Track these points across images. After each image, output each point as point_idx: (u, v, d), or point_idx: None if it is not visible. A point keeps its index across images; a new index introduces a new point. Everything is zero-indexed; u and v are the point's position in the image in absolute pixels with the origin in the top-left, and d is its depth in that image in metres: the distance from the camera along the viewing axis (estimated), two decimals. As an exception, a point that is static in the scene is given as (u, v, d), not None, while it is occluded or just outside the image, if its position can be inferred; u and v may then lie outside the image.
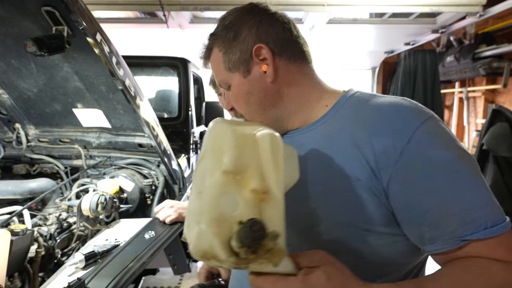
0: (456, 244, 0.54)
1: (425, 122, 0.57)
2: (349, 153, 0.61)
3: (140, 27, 3.18)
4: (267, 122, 0.70)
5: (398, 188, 0.57)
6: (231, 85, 0.73)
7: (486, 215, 0.53)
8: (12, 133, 1.82)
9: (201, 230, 0.43)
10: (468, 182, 0.54)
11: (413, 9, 2.62)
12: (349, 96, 0.69)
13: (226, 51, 0.72)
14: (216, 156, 0.50)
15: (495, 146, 2.12)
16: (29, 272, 1.20)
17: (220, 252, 0.42)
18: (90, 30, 1.14)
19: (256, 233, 0.41)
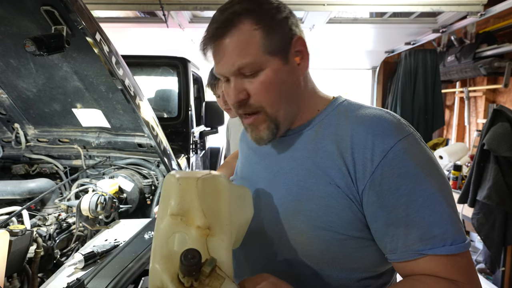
0: (412, 256, 0.58)
1: (403, 139, 0.60)
2: (332, 160, 0.64)
3: (139, 27, 3.17)
4: (285, 117, 0.69)
5: (369, 199, 0.61)
6: (261, 70, 0.64)
7: (446, 234, 0.56)
8: (11, 133, 1.82)
9: (153, 268, 0.50)
10: (433, 201, 0.57)
11: (413, 9, 2.62)
12: (337, 104, 0.72)
13: (268, 31, 0.64)
14: (165, 203, 0.58)
15: (496, 146, 2.11)
16: (28, 272, 1.20)
17: (170, 284, 0.48)
18: (89, 29, 1.13)
19: (190, 261, 0.45)
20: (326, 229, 0.63)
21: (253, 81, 0.65)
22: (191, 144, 2.62)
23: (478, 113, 3.84)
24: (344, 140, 0.64)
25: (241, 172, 0.88)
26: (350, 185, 0.62)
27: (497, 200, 2.09)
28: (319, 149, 0.67)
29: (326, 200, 0.63)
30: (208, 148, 3.47)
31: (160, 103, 2.89)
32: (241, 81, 0.66)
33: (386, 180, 0.59)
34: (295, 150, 0.71)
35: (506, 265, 2.27)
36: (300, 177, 0.68)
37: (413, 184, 0.58)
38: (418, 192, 0.58)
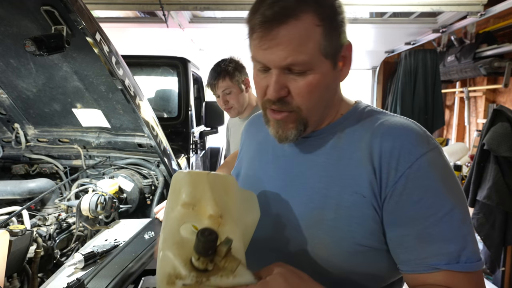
0: (426, 270, 0.57)
1: (429, 152, 0.60)
2: (358, 169, 0.63)
3: (139, 27, 3.18)
4: (316, 121, 0.67)
5: (388, 208, 0.60)
6: (310, 71, 0.60)
7: (462, 251, 0.56)
8: (11, 133, 1.82)
9: (164, 255, 0.48)
10: (452, 217, 0.57)
11: (413, 9, 2.62)
12: (360, 110, 0.71)
13: (328, 31, 0.60)
14: (175, 195, 0.58)
15: (496, 146, 2.11)
16: (28, 272, 1.20)
17: (182, 269, 0.46)
18: (89, 29, 1.13)
19: (207, 237, 0.44)
20: (348, 240, 0.62)
21: (298, 80, 0.61)
22: (191, 144, 2.62)
23: (478, 113, 3.84)
24: (372, 148, 0.62)
25: (248, 170, 0.83)
26: (376, 194, 0.61)
27: (497, 200, 2.09)
28: (343, 157, 0.65)
29: (350, 210, 0.62)
30: (208, 148, 3.47)
31: (160, 103, 2.89)
32: (285, 76, 0.61)
33: (408, 191, 0.59)
34: (316, 155, 0.69)
35: (506, 265, 2.27)
36: (322, 184, 0.65)
37: (434, 197, 0.58)
38: (438, 206, 0.57)
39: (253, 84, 0.70)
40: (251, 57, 0.65)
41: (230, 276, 0.47)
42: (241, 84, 1.87)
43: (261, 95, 0.66)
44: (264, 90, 0.64)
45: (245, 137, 0.92)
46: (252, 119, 0.93)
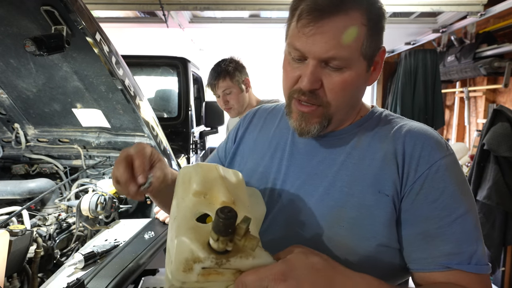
0: (437, 269, 0.58)
1: (447, 156, 0.62)
2: (381, 169, 0.64)
3: (139, 27, 3.18)
4: (339, 120, 0.67)
5: (405, 207, 0.62)
6: (347, 68, 0.60)
7: (472, 253, 0.58)
8: (11, 133, 1.82)
9: (179, 241, 0.46)
10: (465, 220, 0.59)
11: (413, 9, 2.62)
12: (377, 113, 0.72)
13: (371, 33, 0.60)
14: (186, 186, 0.57)
15: (496, 146, 2.11)
16: (28, 272, 1.20)
17: (200, 252, 0.44)
18: (89, 29, 1.13)
19: (228, 214, 0.41)
20: (370, 239, 0.62)
21: (333, 76, 0.61)
22: (191, 144, 2.62)
23: (478, 113, 3.84)
24: (395, 149, 0.64)
25: (256, 166, 0.78)
26: (398, 193, 0.62)
27: (497, 200, 2.09)
28: (365, 157, 0.66)
29: (372, 209, 0.62)
30: (208, 148, 3.48)
31: (160, 103, 2.89)
32: (320, 69, 0.60)
33: (424, 191, 0.60)
34: (336, 154, 0.68)
35: (506, 265, 2.27)
36: (343, 183, 0.65)
37: (449, 200, 0.59)
38: (452, 209, 0.59)
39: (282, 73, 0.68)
40: (289, 43, 0.63)
41: (249, 257, 0.45)
42: (241, 84, 1.87)
43: (290, 84, 0.65)
44: (295, 79, 0.63)
45: (246, 127, 0.86)
46: (259, 111, 0.89)
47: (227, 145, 0.89)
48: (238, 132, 0.88)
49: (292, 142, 0.74)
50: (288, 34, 0.64)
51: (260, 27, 3.10)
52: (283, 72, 0.67)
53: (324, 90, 0.62)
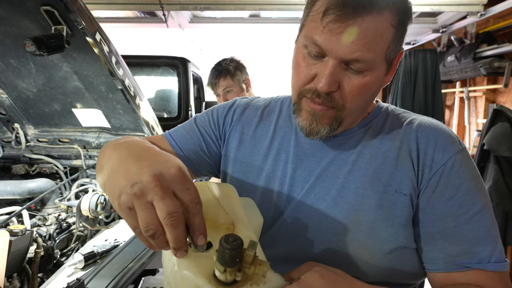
0: (457, 269, 0.57)
1: (460, 151, 0.60)
2: (397, 166, 0.61)
3: (139, 27, 3.18)
4: (350, 122, 0.63)
5: (422, 204, 0.60)
6: (368, 71, 0.55)
7: (492, 251, 0.56)
8: (11, 133, 1.82)
9: (182, 276, 0.42)
10: (481, 216, 0.57)
11: (413, 9, 2.61)
12: (384, 108, 0.70)
13: (398, 35, 0.56)
14: None
15: (496, 146, 2.11)
16: (28, 272, 1.20)
17: (207, 287, 0.41)
18: (89, 29, 1.13)
19: (233, 244, 0.38)
20: (389, 242, 0.59)
21: (353, 79, 0.56)
22: (191, 144, 2.61)
23: (478, 113, 3.84)
24: (409, 146, 0.62)
25: (258, 170, 0.71)
26: (416, 190, 0.60)
27: (497, 200, 2.09)
28: (377, 155, 0.63)
29: (391, 210, 0.59)
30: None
31: (160, 103, 2.89)
32: (340, 71, 0.55)
33: (441, 188, 0.58)
34: (346, 154, 0.64)
35: (506, 265, 2.27)
36: (358, 184, 0.61)
37: (465, 196, 0.57)
38: (469, 205, 0.57)
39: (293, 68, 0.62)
40: (307, 35, 0.56)
41: (260, 284, 0.42)
42: (242, 83, 1.88)
43: (303, 82, 0.59)
44: (310, 77, 0.58)
45: (236, 119, 0.77)
46: (251, 105, 0.79)
47: (211, 127, 0.78)
48: (227, 118, 0.77)
49: (296, 143, 0.69)
50: (305, 24, 0.58)
51: (260, 27, 3.09)
52: (294, 66, 0.61)
53: (340, 93, 0.57)
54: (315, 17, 0.55)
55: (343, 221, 0.61)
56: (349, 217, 0.60)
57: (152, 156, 0.44)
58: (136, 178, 0.40)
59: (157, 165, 0.41)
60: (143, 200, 0.40)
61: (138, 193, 0.40)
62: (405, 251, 0.60)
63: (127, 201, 0.40)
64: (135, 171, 0.41)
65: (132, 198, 0.40)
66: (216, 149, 0.76)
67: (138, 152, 0.45)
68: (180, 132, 0.77)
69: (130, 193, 0.40)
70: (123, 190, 0.41)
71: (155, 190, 0.40)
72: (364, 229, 0.59)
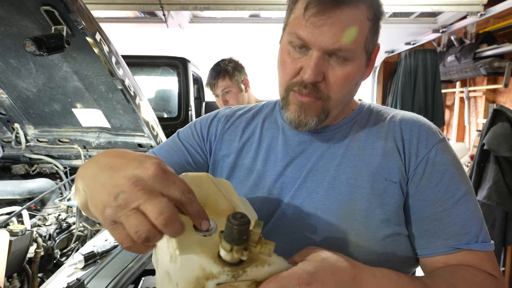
0: (447, 251, 0.59)
1: (441, 140, 0.65)
2: (384, 156, 0.64)
3: (139, 27, 3.17)
4: (336, 115, 0.66)
5: (411, 192, 0.63)
6: (350, 61, 0.59)
7: (478, 231, 0.59)
8: (11, 133, 1.82)
9: (185, 259, 0.40)
10: (466, 200, 0.61)
11: (413, 9, 2.61)
12: (366, 106, 0.74)
13: (373, 28, 0.61)
14: None
15: (496, 146, 2.11)
16: (28, 272, 1.20)
17: (213, 267, 0.39)
18: (89, 29, 1.13)
19: (241, 220, 0.37)
20: (383, 229, 0.61)
21: (336, 69, 0.60)
22: (191, 144, 2.61)
23: (478, 113, 3.84)
24: (394, 137, 0.66)
25: (248, 171, 0.73)
26: (405, 178, 0.63)
27: (497, 200, 2.09)
28: (365, 147, 0.66)
29: (382, 197, 0.62)
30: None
31: (160, 103, 2.89)
32: (324, 62, 0.59)
33: (427, 175, 0.62)
34: (335, 148, 0.67)
35: (506, 265, 2.27)
36: (349, 175, 0.64)
37: (450, 181, 0.61)
38: (454, 190, 0.61)
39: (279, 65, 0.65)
40: (291, 31, 0.60)
41: (265, 265, 0.41)
42: (240, 83, 1.88)
43: (290, 76, 0.62)
44: (296, 71, 0.61)
45: (221, 129, 0.78)
46: (235, 114, 0.80)
47: (195, 139, 0.79)
48: (211, 130, 0.79)
49: (285, 142, 0.71)
50: (289, 23, 0.62)
51: (260, 27, 3.09)
52: (280, 63, 0.65)
53: (326, 84, 0.61)
54: (297, 14, 0.59)
55: (337, 211, 0.63)
56: (343, 207, 0.63)
57: (124, 164, 0.41)
58: (116, 189, 0.38)
59: (133, 170, 0.40)
60: (128, 208, 0.38)
61: (123, 203, 0.38)
62: (398, 237, 0.62)
63: (112, 214, 0.38)
64: (112, 183, 0.39)
65: (116, 210, 0.38)
66: (202, 160, 0.77)
67: (108, 164, 0.43)
68: (164, 149, 0.79)
69: (114, 205, 0.38)
70: (106, 204, 0.39)
71: (138, 194, 0.38)
72: (358, 218, 0.62)
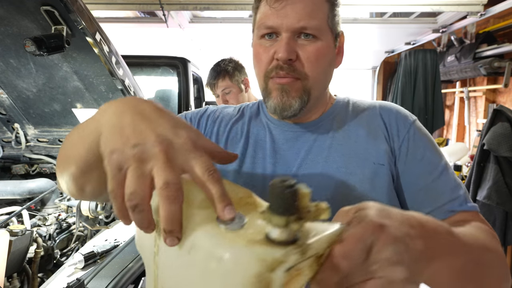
0: (445, 216, 0.63)
1: (415, 120, 0.71)
2: (369, 142, 0.68)
3: (139, 27, 3.17)
4: (316, 96, 0.68)
5: (401, 169, 0.67)
6: (318, 38, 0.63)
7: (465, 195, 0.65)
8: (11, 133, 1.82)
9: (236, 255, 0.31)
10: (447, 170, 0.66)
11: (413, 9, 2.61)
12: (342, 98, 0.78)
13: (332, 9, 0.66)
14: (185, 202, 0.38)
15: (496, 146, 2.11)
16: (28, 272, 1.20)
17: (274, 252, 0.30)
18: (89, 29, 1.14)
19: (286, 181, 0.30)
20: None
21: (307, 46, 0.63)
22: (191, 144, 2.61)
23: (478, 113, 3.84)
24: (377, 123, 0.70)
25: (237, 168, 0.72)
26: (391, 159, 0.67)
27: (497, 200, 2.09)
28: (350, 136, 0.69)
29: (373, 181, 0.65)
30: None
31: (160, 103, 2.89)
32: (294, 42, 0.63)
33: (411, 151, 0.66)
34: (321, 140, 0.70)
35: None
36: (339, 164, 0.66)
37: (431, 154, 0.67)
38: (437, 162, 0.66)
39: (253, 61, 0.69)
40: (259, 25, 0.65)
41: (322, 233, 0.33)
42: (240, 84, 1.88)
43: (266, 64, 0.65)
44: (270, 57, 0.64)
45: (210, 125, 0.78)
46: (223, 112, 0.81)
47: None
48: (200, 126, 0.78)
49: (272, 139, 0.72)
50: (256, 22, 0.67)
51: (260, 27, 3.10)
52: (255, 57, 0.68)
53: (301, 61, 0.64)
54: (261, 9, 0.65)
55: (332, 200, 0.62)
56: (337, 195, 0.65)
57: (158, 118, 0.38)
58: (138, 139, 0.35)
59: (164, 129, 0.36)
60: (141, 166, 0.34)
61: (137, 156, 0.34)
62: None
63: (121, 161, 0.34)
64: (137, 130, 0.36)
65: (128, 159, 0.34)
66: None
67: (142, 110, 0.39)
68: None
69: (129, 154, 0.34)
70: (119, 148, 0.35)
71: (158, 155, 0.34)
72: (352, 204, 0.61)
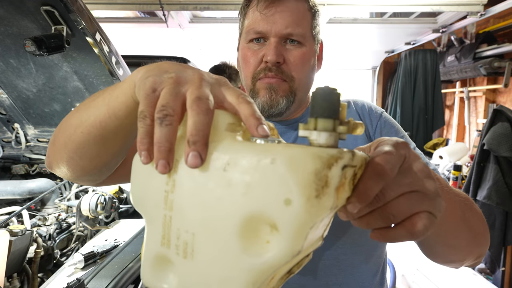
0: None
1: (383, 112, 0.78)
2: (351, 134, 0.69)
3: (139, 27, 3.17)
4: (300, 98, 0.73)
5: None
6: (303, 44, 0.69)
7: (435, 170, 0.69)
8: (11, 133, 1.82)
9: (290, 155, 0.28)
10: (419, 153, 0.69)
11: (413, 9, 2.61)
12: None
13: (314, 20, 0.72)
14: None
15: (496, 146, 2.11)
16: (28, 272, 1.20)
17: (329, 150, 0.28)
18: (89, 29, 1.13)
19: (327, 86, 0.30)
20: None
21: (293, 51, 0.69)
22: (191, 144, 2.61)
23: (478, 113, 3.84)
24: (351, 114, 0.75)
25: None
26: None
27: (497, 200, 2.09)
28: None
29: None
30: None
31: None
32: (282, 47, 0.68)
33: (385, 134, 0.71)
34: None
35: (506, 265, 2.27)
36: None
37: (404, 137, 0.72)
38: (409, 142, 0.70)
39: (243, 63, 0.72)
40: (248, 30, 0.70)
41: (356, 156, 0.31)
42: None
43: (254, 66, 0.70)
44: (259, 60, 0.69)
45: None
46: None
47: None
48: None
49: None
50: (244, 27, 0.72)
51: (260, 27, 3.10)
52: (243, 60, 0.72)
53: (288, 65, 0.69)
54: (250, 15, 0.70)
55: None
56: None
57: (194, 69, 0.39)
58: (179, 71, 0.36)
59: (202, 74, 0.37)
60: (177, 86, 0.34)
61: (174, 78, 0.35)
62: None
63: (156, 82, 0.35)
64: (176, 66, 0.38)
65: (164, 81, 0.34)
66: None
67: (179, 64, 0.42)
68: None
69: (166, 76, 0.35)
70: (159, 73, 0.36)
71: (195, 80, 0.34)
72: None
